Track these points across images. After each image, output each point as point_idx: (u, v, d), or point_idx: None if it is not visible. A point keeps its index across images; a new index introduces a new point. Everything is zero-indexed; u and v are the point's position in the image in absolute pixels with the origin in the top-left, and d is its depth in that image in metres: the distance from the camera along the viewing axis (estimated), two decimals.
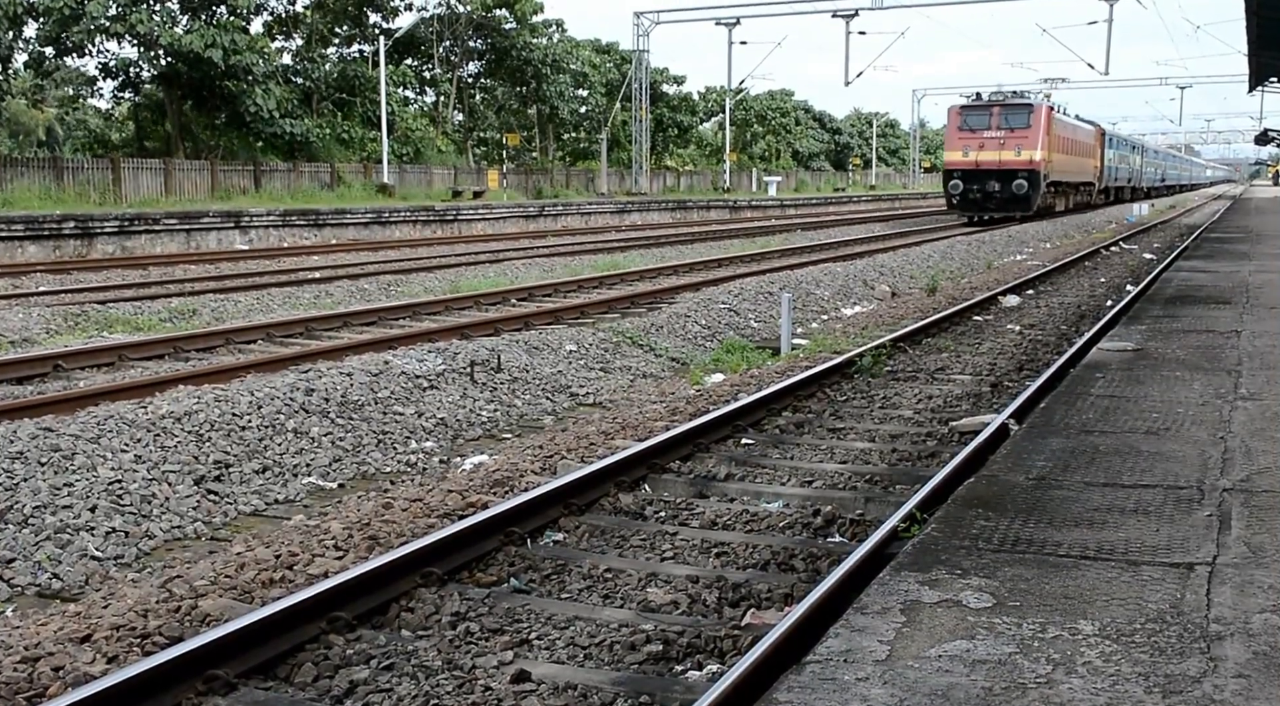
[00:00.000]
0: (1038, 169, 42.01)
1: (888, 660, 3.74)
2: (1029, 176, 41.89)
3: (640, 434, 9.36)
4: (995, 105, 42.69)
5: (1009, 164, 42.07)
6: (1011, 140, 42.11)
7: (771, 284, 19.11)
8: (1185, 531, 5.05)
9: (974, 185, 42.57)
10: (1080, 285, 22.39)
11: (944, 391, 11.35)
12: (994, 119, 42.37)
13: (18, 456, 7.66)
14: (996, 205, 42.85)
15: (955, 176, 43.26)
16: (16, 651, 5.17)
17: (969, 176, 42.68)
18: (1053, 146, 43.74)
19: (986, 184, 42.37)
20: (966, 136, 42.90)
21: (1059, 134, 45.15)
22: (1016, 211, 42.56)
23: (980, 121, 42.62)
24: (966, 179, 42.78)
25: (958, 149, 43.12)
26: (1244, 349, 10.20)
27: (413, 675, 5.00)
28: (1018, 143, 42.04)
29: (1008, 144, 42.14)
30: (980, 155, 42.34)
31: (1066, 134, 47.66)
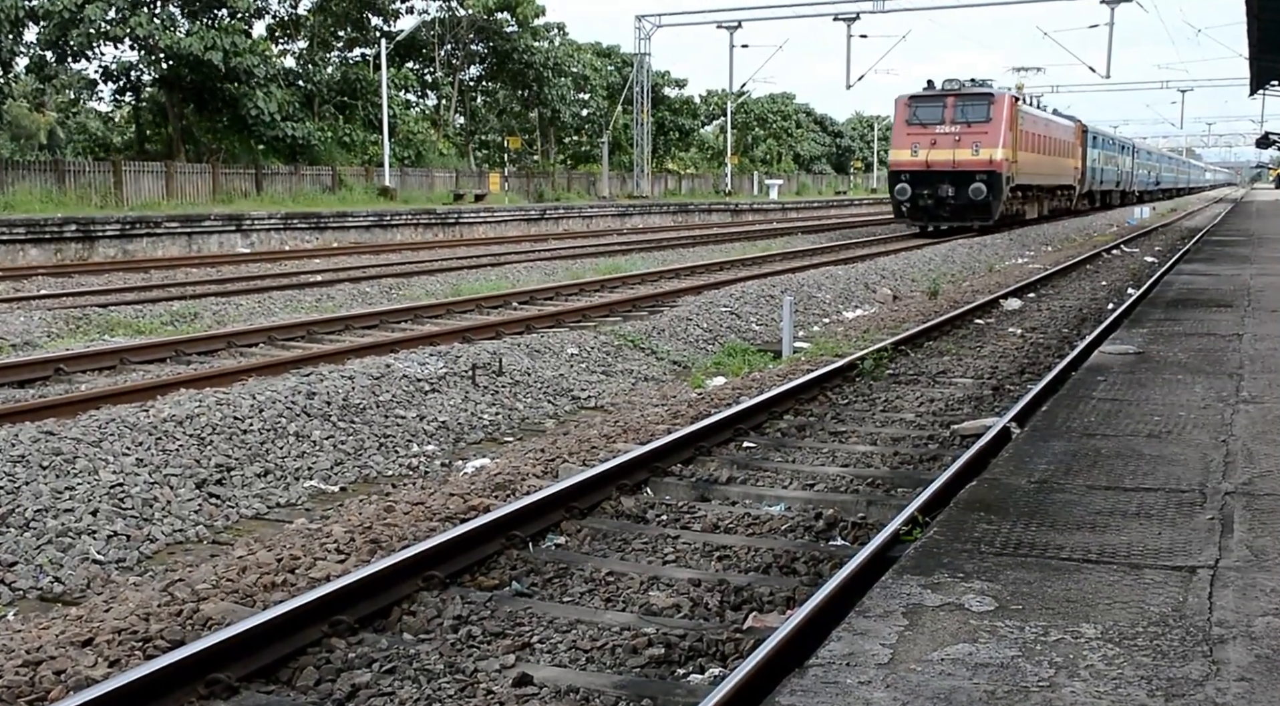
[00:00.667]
0: (999, 170, 35.81)
1: (890, 663, 3.74)
2: (989, 179, 35.70)
3: (642, 437, 9.36)
4: (949, 95, 36.58)
5: (965, 164, 35.88)
6: (968, 136, 35.91)
7: (773, 287, 19.11)
8: (1187, 534, 5.05)
9: (924, 189, 36.39)
10: (1082, 288, 22.39)
11: (946, 394, 11.35)
12: (948, 111, 36.26)
13: (19, 460, 7.66)
14: (951, 213, 36.75)
15: (902, 179, 37.04)
16: (18, 655, 5.17)
17: (918, 179, 36.56)
18: (1019, 144, 37.87)
19: (938, 188, 36.22)
20: (916, 132, 36.72)
21: (1027, 130, 39.32)
22: (974, 220, 36.43)
23: (932, 114, 36.55)
24: (915, 182, 36.61)
25: (905, 147, 36.94)
26: (1246, 352, 10.19)
27: (415, 678, 4.99)
28: (975, 139, 35.86)
29: (964, 141, 35.91)
30: (931, 154, 36.11)
31: (1037, 130, 41.50)
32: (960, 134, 35.94)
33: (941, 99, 36.67)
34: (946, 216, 36.89)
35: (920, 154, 36.31)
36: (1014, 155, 37.08)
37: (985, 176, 35.64)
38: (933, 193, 36.42)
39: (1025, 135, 38.81)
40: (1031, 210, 42.91)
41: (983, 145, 35.78)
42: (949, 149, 35.98)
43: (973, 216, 36.36)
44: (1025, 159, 39.01)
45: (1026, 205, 41.83)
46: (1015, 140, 37.19)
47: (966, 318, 17.06)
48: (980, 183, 35.61)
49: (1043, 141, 42.32)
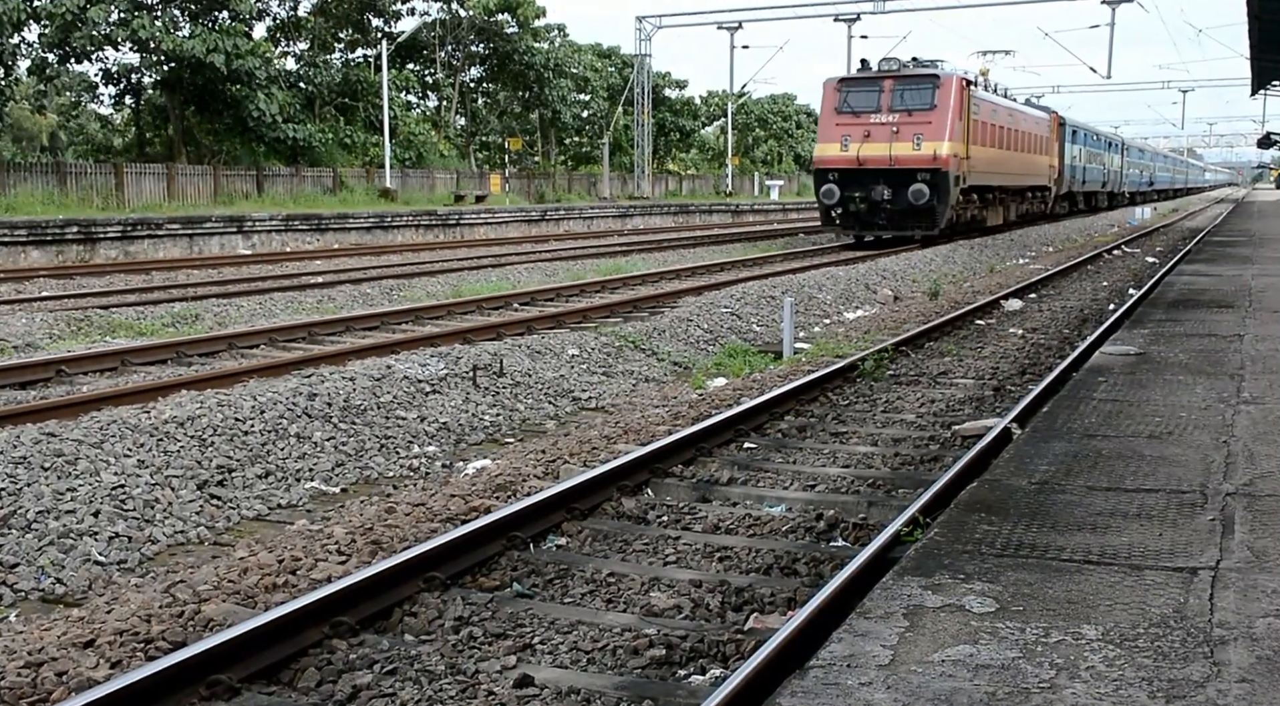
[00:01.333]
0: (945, 167, 29.67)
1: (891, 665, 3.74)
2: (932, 179, 29.71)
3: (642, 438, 9.36)
4: (887, 77, 30.61)
5: (904, 161, 29.87)
6: (908, 127, 29.94)
7: (773, 288, 19.12)
8: (1188, 536, 5.05)
9: (855, 191, 30.43)
10: (1083, 289, 22.39)
11: (946, 395, 11.35)
12: (885, 97, 30.27)
13: (21, 461, 7.66)
14: (888, 220, 30.83)
15: (830, 179, 30.77)
16: (20, 656, 5.17)
17: (849, 179, 30.53)
18: (973, 137, 31.96)
19: (872, 189, 30.24)
20: (847, 122, 30.61)
21: (984, 120, 33.26)
22: (916, 229, 30.53)
23: (866, 101, 30.52)
24: (845, 182, 30.56)
25: (834, 140, 30.73)
26: (1247, 353, 10.19)
27: (416, 680, 5.00)
28: (917, 131, 29.84)
29: (903, 132, 29.93)
30: (864, 149, 30.15)
31: (998, 121, 35.32)
32: (899, 124, 30.02)
33: (877, 82, 30.68)
34: (882, 224, 31.07)
35: (851, 148, 30.35)
36: (966, 150, 31.32)
37: (928, 175, 29.71)
38: (865, 195, 30.41)
39: (982, 127, 33.06)
40: (994, 215, 36.77)
41: (926, 138, 29.75)
42: (885, 142, 30.07)
43: (913, 224, 30.49)
44: (982, 155, 33.16)
45: (987, 210, 35.80)
46: (968, 132, 31.36)
47: (967, 318, 17.06)
48: (922, 183, 29.68)
49: (1006, 135, 36.49)
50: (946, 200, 30.06)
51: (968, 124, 31.32)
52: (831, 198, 30.82)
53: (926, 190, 29.72)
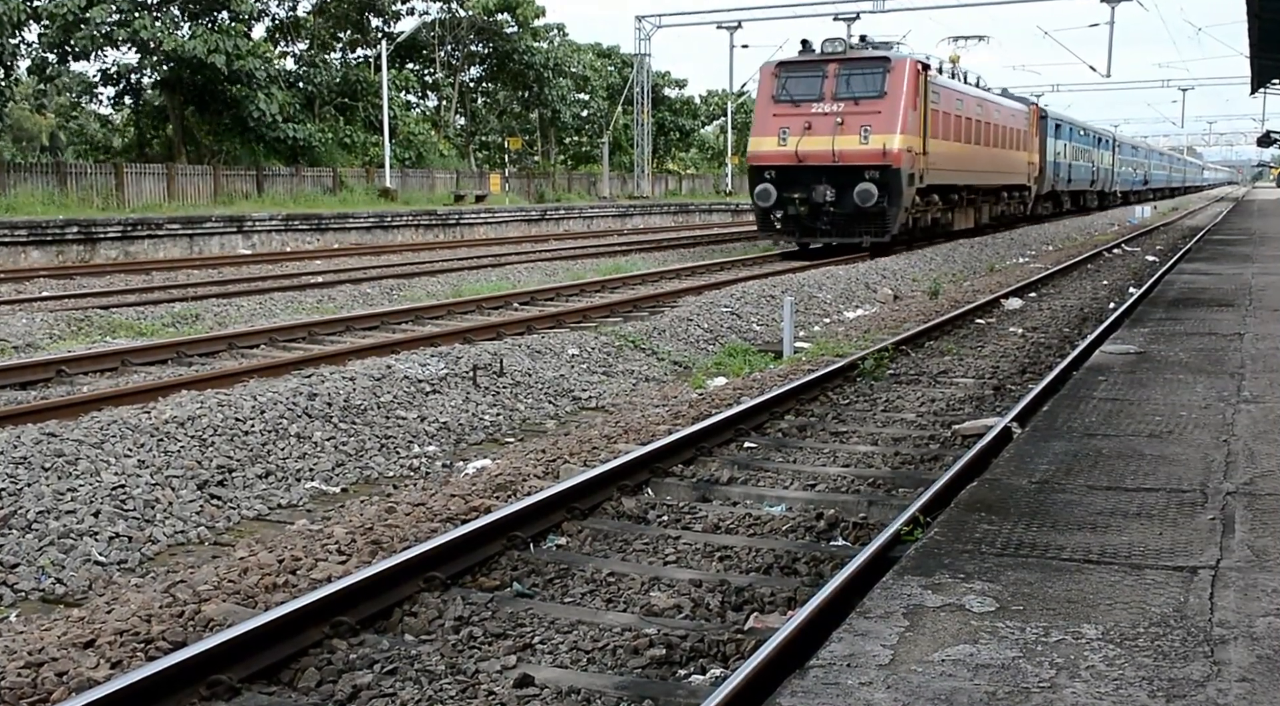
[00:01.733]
0: (897, 164, 26.04)
1: (891, 664, 3.74)
2: (882, 177, 26.07)
3: (642, 437, 9.36)
4: (830, 60, 26.86)
5: (849, 156, 26.17)
6: (855, 117, 26.31)
7: (773, 287, 19.12)
8: (1189, 535, 5.05)
9: (794, 192, 26.68)
10: (1083, 288, 22.39)
11: (946, 394, 11.35)
12: (828, 83, 26.66)
13: (21, 461, 7.66)
14: (831, 224, 26.96)
15: (765, 177, 27.14)
16: (21, 656, 5.17)
17: (787, 178, 26.87)
18: (932, 129, 28.28)
19: (813, 190, 26.43)
20: (786, 112, 26.99)
21: (946, 110, 29.62)
22: (864, 235, 26.79)
23: (806, 87, 26.88)
24: (783, 182, 26.87)
25: (771, 132, 27.04)
26: (1247, 352, 10.19)
27: (416, 679, 5.00)
28: (865, 122, 26.25)
29: (849, 124, 26.29)
30: (804, 142, 26.44)
31: (965, 112, 31.58)
32: (844, 115, 26.34)
33: (820, 67, 26.95)
34: (825, 229, 27.14)
35: (789, 143, 26.63)
36: (923, 144, 27.59)
37: (877, 173, 26.05)
38: (806, 196, 26.57)
39: (944, 118, 29.44)
40: (962, 218, 33.05)
41: (875, 130, 26.11)
42: (827, 136, 26.29)
43: (861, 229, 26.71)
44: (944, 150, 29.45)
45: (954, 213, 32.07)
46: (925, 124, 27.71)
47: (967, 317, 17.07)
48: (869, 182, 25.97)
49: (975, 128, 32.74)
50: (899, 201, 26.32)
51: (925, 114, 27.62)
52: (767, 199, 26.99)
53: (875, 190, 25.87)
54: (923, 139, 27.59)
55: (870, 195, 25.93)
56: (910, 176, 26.77)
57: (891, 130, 26.15)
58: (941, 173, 29.39)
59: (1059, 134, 46.45)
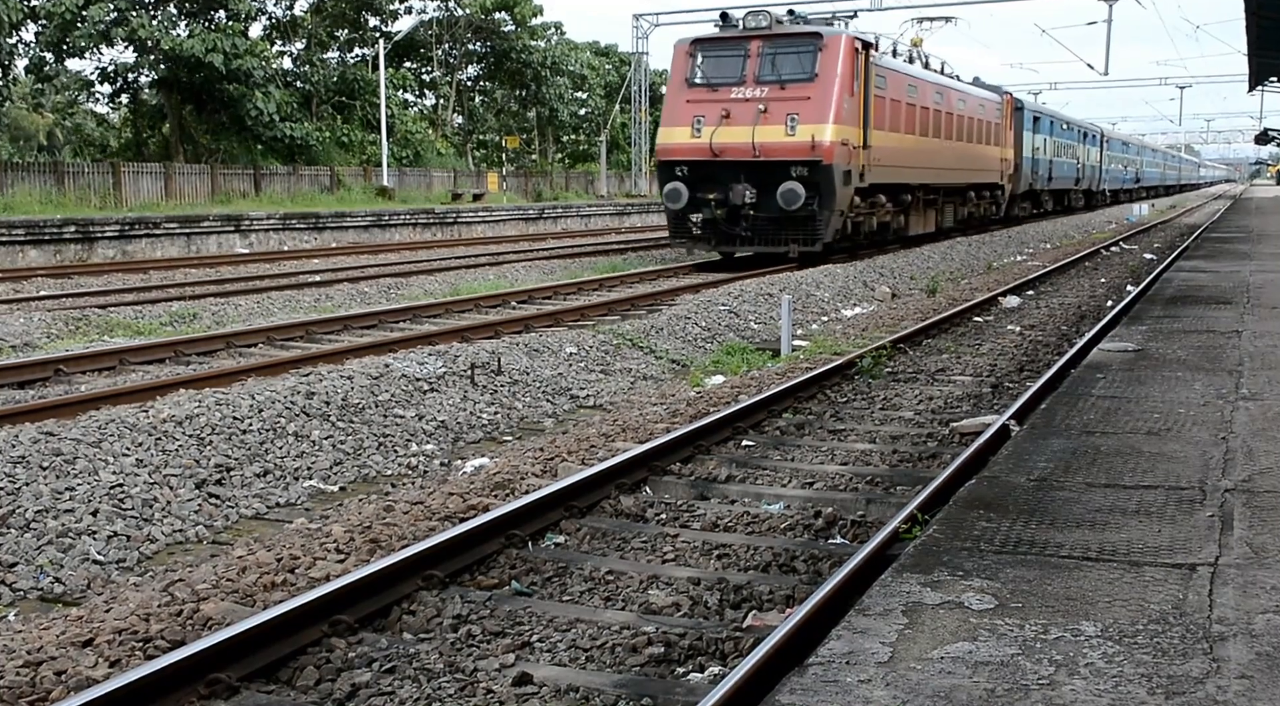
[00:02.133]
0: (829, 159, 22.27)
1: (890, 661, 3.74)
2: (811, 174, 22.29)
3: (641, 436, 9.36)
4: (754, 37, 23.19)
5: (773, 150, 22.50)
6: (781, 104, 22.59)
7: (771, 285, 19.11)
8: (1187, 532, 5.05)
9: (709, 191, 22.95)
10: (1080, 286, 22.40)
11: (944, 392, 11.35)
12: (750, 64, 22.99)
13: (19, 461, 7.65)
14: (753, 230, 23.23)
15: (677, 174, 23.39)
16: (19, 655, 5.17)
17: (701, 175, 23.13)
18: (877, 118, 24.60)
19: (731, 189, 22.73)
20: (701, 98, 23.27)
21: (894, 97, 25.85)
22: (791, 243, 23.04)
23: (727, 69, 23.26)
24: (697, 180, 23.14)
25: (684, 121, 23.31)
26: (1245, 349, 10.19)
27: (415, 678, 5.00)
28: (793, 109, 22.51)
29: (774, 112, 22.58)
30: (721, 133, 22.76)
31: (919, 100, 27.71)
32: (769, 100, 22.61)
33: (741, 44, 23.31)
34: (746, 235, 23.38)
35: (704, 133, 22.88)
36: (863, 136, 23.88)
37: (805, 170, 22.29)
38: (723, 197, 22.83)
39: (891, 106, 25.69)
40: (919, 221, 29.06)
41: (803, 119, 22.36)
42: (748, 125, 22.59)
43: (787, 236, 22.97)
44: (891, 144, 25.68)
45: (908, 215, 28.05)
46: (866, 112, 24.02)
47: (965, 315, 17.07)
48: (796, 181, 22.23)
49: (933, 119, 28.89)
50: (831, 203, 22.55)
51: (865, 101, 23.90)
52: (678, 200, 23.16)
53: (801, 190, 22.16)
54: (862, 130, 23.79)
55: (796, 196, 22.18)
56: (846, 174, 22.96)
57: (822, 119, 22.35)
58: (889, 170, 25.52)
59: (1038, 128, 42.84)
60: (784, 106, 22.56)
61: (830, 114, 22.39)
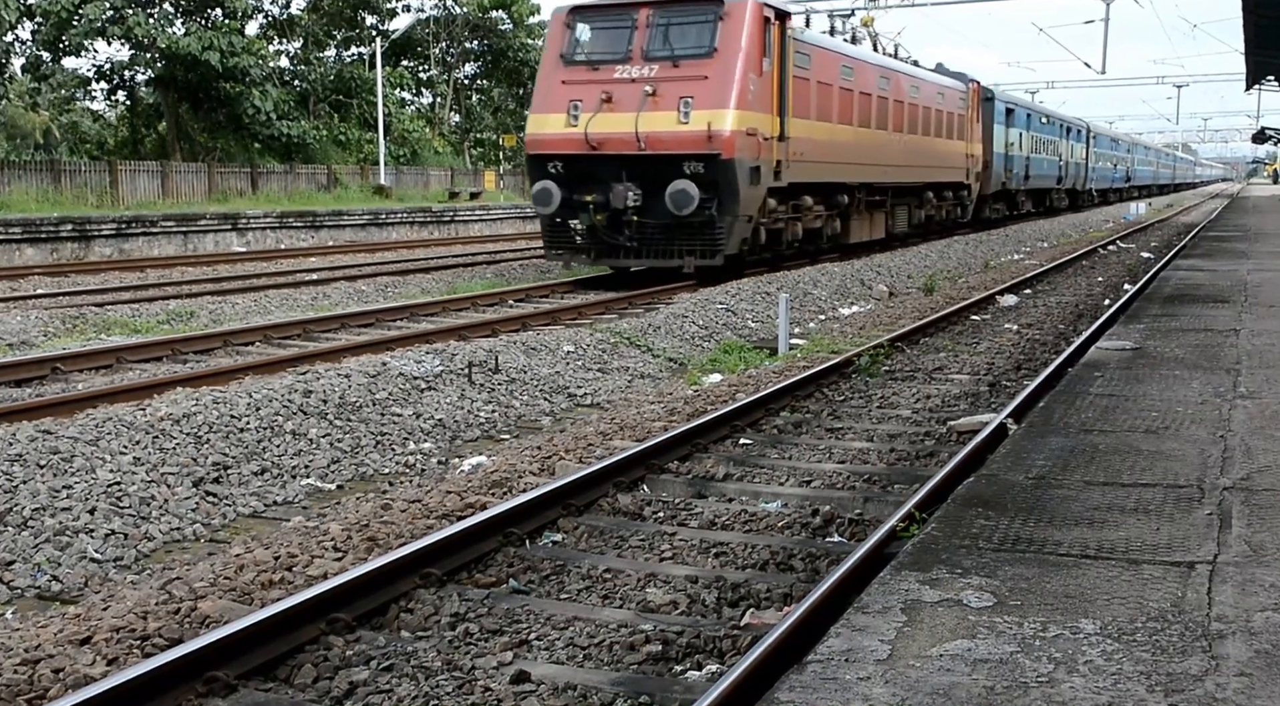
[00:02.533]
0: (729, 153, 18.39)
1: (889, 659, 3.73)
2: (708, 172, 18.46)
3: (638, 434, 9.35)
4: (643, 4, 19.34)
5: (661, 142, 18.58)
6: (673, 86, 18.71)
7: (769, 284, 19.10)
8: (1186, 530, 5.05)
9: (584, 192, 19.11)
10: (1078, 284, 22.40)
11: (942, 391, 11.35)
12: (639, 38, 19.11)
13: (16, 459, 7.65)
14: (640, 241, 19.16)
15: (549, 172, 19.45)
16: (16, 653, 5.16)
17: (577, 172, 19.26)
18: (798, 104, 20.69)
19: (612, 190, 18.84)
20: (580, 78, 19.41)
21: (817, 78, 21.73)
22: (687, 255, 19.07)
23: (610, 43, 19.44)
24: (572, 179, 19.26)
25: (557, 108, 19.41)
26: (1243, 347, 10.20)
27: (412, 676, 4.99)
28: (686, 92, 18.65)
29: (665, 95, 18.68)
30: (600, 122, 18.84)
31: (856, 84, 23.86)
32: (658, 81, 18.66)
33: (628, 13, 19.46)
34: (631, 247, 19.22)
35: (580, 121, 18.92)
36: (778, 125, 19.93)
37: (701, 166, 18.35)
38: (603, 201, 18.83)
39: (819, 90, 21.82)
40: (861, 228, 25.40)
41: (699, 103, 18.42)
42: (632, 112, 18.57)
43: (682, 246, 18.94)
44: (819, 136, 21.82)
45: (848, 221, 24.48)
46: (782, 96, 20.04)
47: (963, 314, 17.07)
48: (688, 180, 18.26)
49: (877, 107, 25.14)
50: (734, 206, 18.62)
51: (782, 83, 20.01)
52: (548, 203, 19.14)
53: (695, 191, 18.14)
54: (778, 118, 19.90)
55: (688, 198, 18.13)
56: (754, 170, 19.00)
57: (722, 103, 18.36)
58: (815, 166, 21.69)
59: (1012, 121, 38.88)
60: (676, 88, 18.58)
61: (731, 97, 18.44)
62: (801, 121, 21.00)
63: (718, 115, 18.41)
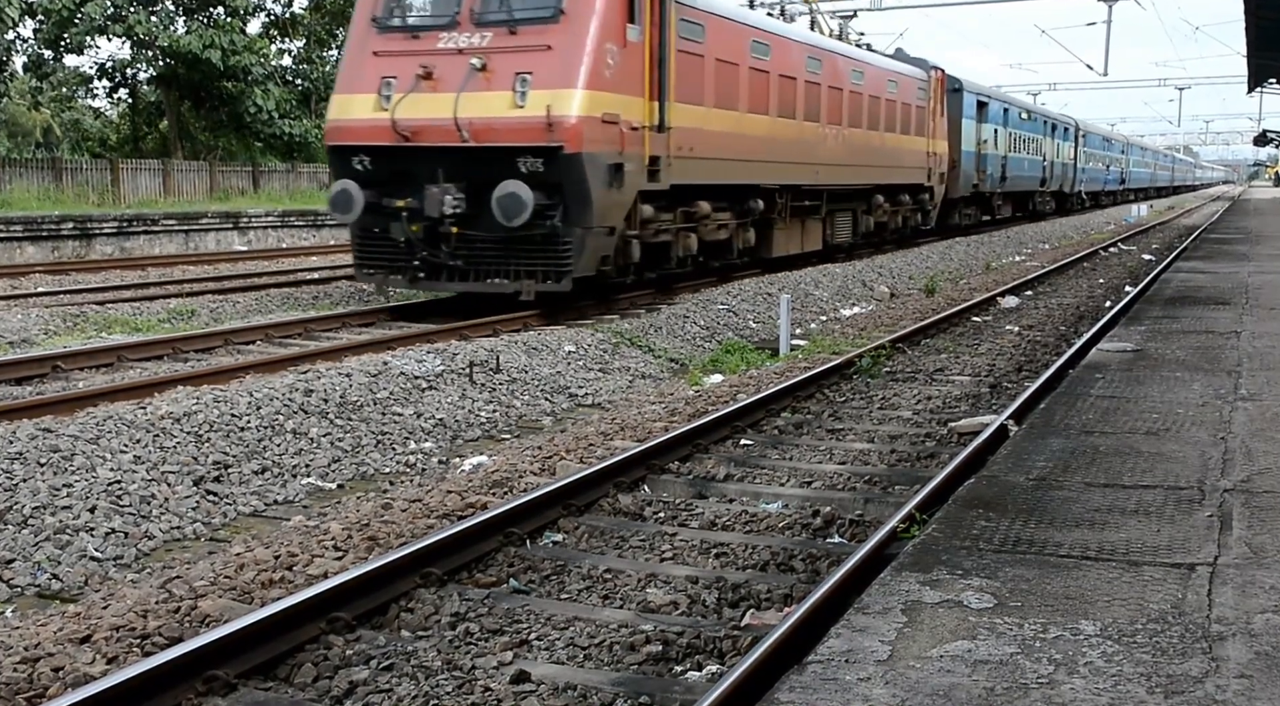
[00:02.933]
0: (575, 146, 14.19)
1: (889, 660, 3.73)
2: (547, 171, 14.33)
3: (639, 435, 9.35)
4: None
5: (491, 131, 14.51)
6: (507, 59, 14.67)
7: (770, 284, 19.10)
8: (1186, 532, 5.05)
9: (395, 195, 15.01)
10: (1079, 286, 22.40)
11: (943, 392, 11.35)
12: (466, 3, 15.05)
13: (17, 457, 7.65)
14: (467, 259, 15.06)
15: (355, 168, 15.32)
16: (16, 652, 5.16)
17: (386, 169, 15.21)
18: (683, 84, 16.51)
19: (427, 192, 14.64)
20: (395, 48, 15.41)
21: (711, 54, 17.43)
22: (527, 278, 14.83)
23: (434, 3, 15.48)
24: (380, 177, 15.22)
25: (366, 87, 15.37)
26: (1244, 349, 10.20)
27: (412, 675, 4.99)
28: (525, 66, 14.56)
29: (497, 71, 14.63)
30: (412, 105, 14.87)
31: (770, 63, 19.49)
32: (489, 52, 14.71)
33: None
34: (455, 265, 15.13)
35: (390, 105, 15.00)
36: (656, 111, 15.72)
37: (540, 162, 14.38)
38: (417, 207, 14.84)
39: (717, 70, 17.42)
40: (787, 238, 21.34)
41: (539, 80, 14.45)
42: (453, 92, 14.68)
43: (519, 267, 14.87)
44: (721, 126, 17.62)
45: (769, 231, 20.44)
46: (662, 74, 15.80)
47: (964, 315, 17.07)
48: (519, 183, 14.15)
49: (806, 94, 20.98)
50: (586, 215, 14.40)
51: (661, 58, 15.68)
52: (347, 210, 15.02)
53: (528, 195, 13.96)
54: (654, 103, 15.63)
55: (519, 205, 13.88)
56: (615, 168, 14.68)
57: (568, 81, 14.18)
58: (713, 164, 17.40)
59: (986, 116, 35.00)
60: (512, 61, 14.43)
61: (580, 73, 14.22)
62: (691, 108, 16.70)
63: (560, 96, 14.14)
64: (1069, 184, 50.82)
